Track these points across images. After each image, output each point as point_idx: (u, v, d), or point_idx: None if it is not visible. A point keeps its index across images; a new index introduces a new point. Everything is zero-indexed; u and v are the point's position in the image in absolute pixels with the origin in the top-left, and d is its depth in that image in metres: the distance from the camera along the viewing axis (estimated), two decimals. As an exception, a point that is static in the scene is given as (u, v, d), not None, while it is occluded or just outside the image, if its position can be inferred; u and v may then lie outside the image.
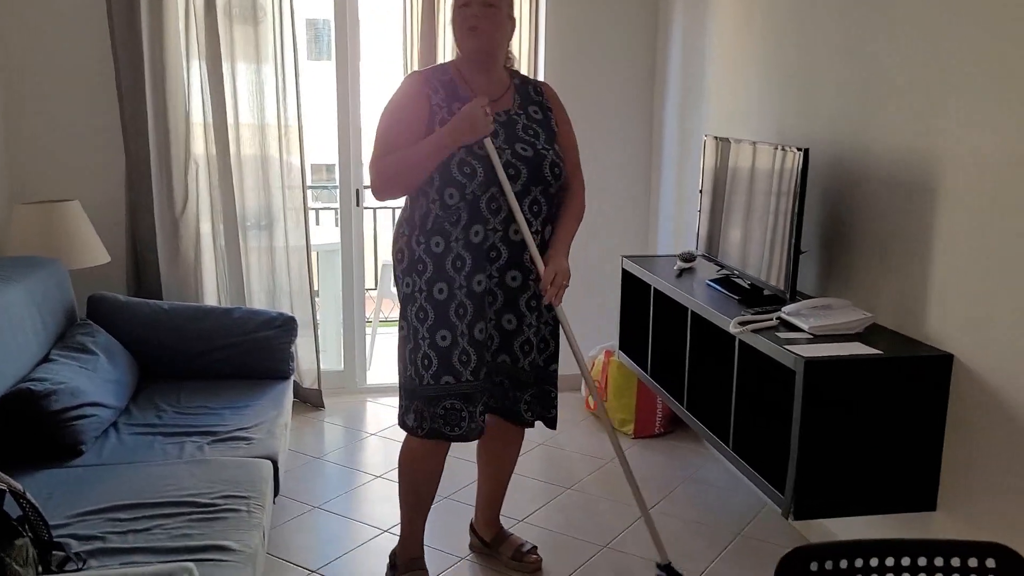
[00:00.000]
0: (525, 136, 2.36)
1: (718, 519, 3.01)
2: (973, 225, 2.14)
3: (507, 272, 2.37)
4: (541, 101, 2.47)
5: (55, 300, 2.88)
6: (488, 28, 2.31)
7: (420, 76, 2.38)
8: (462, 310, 2.33)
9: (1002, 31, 2.04)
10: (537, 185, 2.34)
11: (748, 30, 3.26)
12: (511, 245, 2.35)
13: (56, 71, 3.61)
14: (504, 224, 2.33)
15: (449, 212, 2.30)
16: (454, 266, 2.32)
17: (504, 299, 2.39)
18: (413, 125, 2.31)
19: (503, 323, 2.41)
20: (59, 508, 2.07)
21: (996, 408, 2.09)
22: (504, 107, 2.39)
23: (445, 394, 2.35)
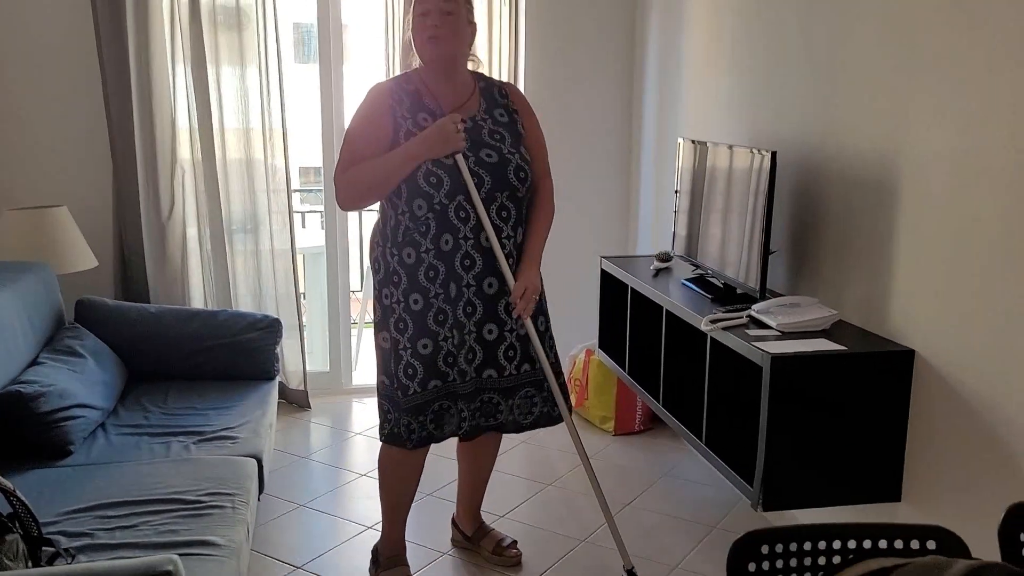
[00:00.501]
0: (491, 141, 2.38)
1: (695, 513, 3.09)
2: (933, 225, 2.22)
3: (483, 280, 2.39)
4: (507, 104, 2.48)
5: (44, 304, 2.93)
6: (447, 35, 2.33)
7: (384, 88, 2.39)
8: (441, 316, 2.36)
9: (960, 38, 2.12)
10: (503, 191, 2.36)
11: (719, 36, 3.34)
12: (484, 252, 2.37)
13: (43, 78, 3.66)
14: (475, 232, 2.35)
15: (418, 223, 2.32)
16: (427, 276, 2.35)
17: (483, 309, 2.40)
18: (378, 137, 2.33)
19: (484, 334, 2.42)
20: (49, 506, 2.13)
21: (956, 402, 2.18)
22: (470, 112, 2.40)
23: (435, 397, 2.39)
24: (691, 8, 3.60)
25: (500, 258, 2.36)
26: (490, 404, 2.48)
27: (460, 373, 2.40)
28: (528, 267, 2.41)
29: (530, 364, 2.49)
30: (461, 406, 2.42)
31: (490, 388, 2.46)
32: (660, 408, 3.04)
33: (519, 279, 2.39)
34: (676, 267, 3.37)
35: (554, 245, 4.18)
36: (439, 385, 2.39)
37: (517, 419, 2.52)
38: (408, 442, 2.41)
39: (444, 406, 2.41)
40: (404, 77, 2.44)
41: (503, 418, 2.50)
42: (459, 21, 2.35)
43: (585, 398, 3.89)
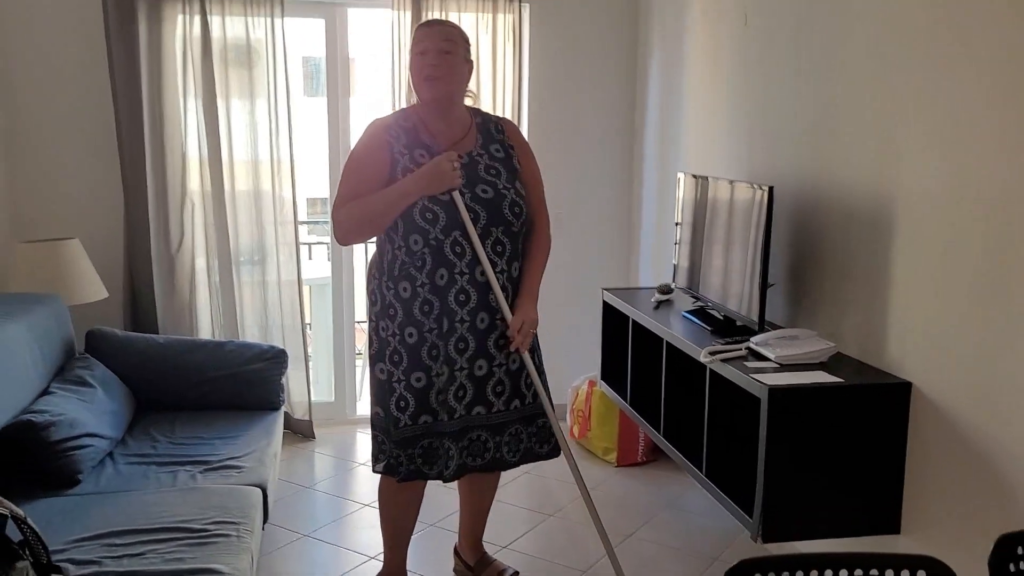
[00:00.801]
0: (486, 176, 2.42)
1: (696, 545, 3.10)
2: (927, 258, 2.27)
3: (477, 315, 2.40)
4: (503, 139, 2.52)
5: (55, 335, 2.99)
6: (445, 75, 2.36)
7: (381, 124, 2.42)
8: (435, 351, 2.39)
9: (947, 78, 2.18)
10: (498, 226, 2.39)
11: (717, 75, 3.41)
12: (479, 287, 2.39)
13: (57, 113, 3.75)
14: (470, 267, 2.37)
15: (414, 257, 2.36)
16: (422, 311, 2.38)
17: (475, 344, 2.41)
18: (375, 173, 2.36)
19: (474, 370, 2.43)
20: (57, 534, 2.16)
21: (953, 434, 2.20)
22: (466, 148, 2.44)
23: (424, 433, 2.41)
24: (691, 47, 3.68)
25: (497, 292, 2.39)
26: (478, 442, 2.49)
27: (449, 411, 2.41)
28: (526, 301, 2.44)
29: (519, 400, 2.51)
30: (448, 444, 2.43)
31: (479, 425, 2.47)
32: (661, 439, 3.07)
33: (516, 313, 2.42)
34: (677, 299, 3.41)
35: (557, 276, 4.25)
36: (429, 421, 2.41)
37: (505, 456, 2.53)
38: (397, 474, 2.44)
39: (433, 444, 2.43)
40: (403, 113, 2.49)
41: (491, 456, 2.51)
42: (456, 60, 2.39)
43: (588, 429, 3.92)
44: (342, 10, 4.07)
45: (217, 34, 3.76)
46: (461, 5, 3.95)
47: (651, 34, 4.08)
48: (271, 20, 3.79)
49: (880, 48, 2.43)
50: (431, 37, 2.38)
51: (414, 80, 2.41)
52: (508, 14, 3.98)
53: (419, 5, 3.90)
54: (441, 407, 2.41)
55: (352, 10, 4.10)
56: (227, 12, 3.77)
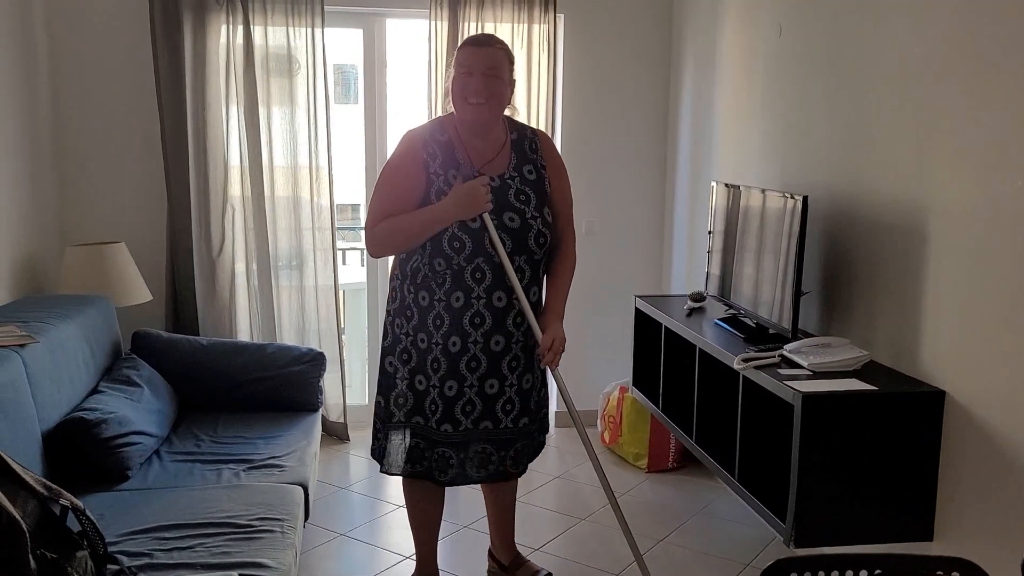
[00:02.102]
0: (515, 203, 2.42)
1: (727, 551, 3.13)
2: (961, 268, 2.29)
3: (491, 337, 2.44)
4: (536, 160, 2.50)
5: (103, 335, 3.08)
6: (489, 100, 2.35)
7: (418, 139, 2.42)
8: (436, 364, 2.45)
9: (978, 90, 2.20)
10: (521, 254, 2.42)
11: (751, 85, 3.45)
12: (494, 311, 2.42)
13: (105, 121, 3.86)
14: (488, 292, 2.40)
15: (436, 275, 2.41)
16: (434, 323, 2.43)
17: (488, 364, 2.45)
18: (409, 191, 2.38)
19: (485, 388, 2.47)
20: (110, 527, 2.23)
21: (986, 443, 2.22)
22: (498, 170, 2.44)
23: (413, 433, 2.50)
24: (724, 57, 3.71)
25: (529, 315, 2.43)
26: (483, 454, 2.53)
27: (454, 423, 2.47)
28: (554, 320, 2.48)
29: (528, 418, 2.56)
30: (449, 453, 2.49)
31: (485, 439, 2.51)
32: (693, 445, 3.10)
33: (547, 332, 2.45)
34: (709, 307, 3.44)
35: (589, 284, 4.30)
36: (420, 423, 2.48)
37: (509, 468, 2.59)
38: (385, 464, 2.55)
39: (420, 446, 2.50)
40: (438, 125, 2.47)
41: (494, 468, 2.56)
42: (502, 84, 2.38)
43: (619, 435, 3.95)
44: (380, 20, 4.16)
45: (259, 43, 3.86)
46: (497, 15, 4.02)
47: (684, 44, 4.12)
48: (311, 30, 3.87)
49: (915, 59, 2.46)
50: (478, 60, 2.35)
51: (455, 99, 2.39)
52: (543, 24, 4.04)
53: (456, 15, 3.97)
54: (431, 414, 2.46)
55: (390, 20, 4.18)
56: (269, 23, 3.86)
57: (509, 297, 2.43)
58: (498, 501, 2.84)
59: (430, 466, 2.52)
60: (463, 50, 2.40)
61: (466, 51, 2.39)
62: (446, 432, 2.48)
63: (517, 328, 2.47)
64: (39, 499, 1.82)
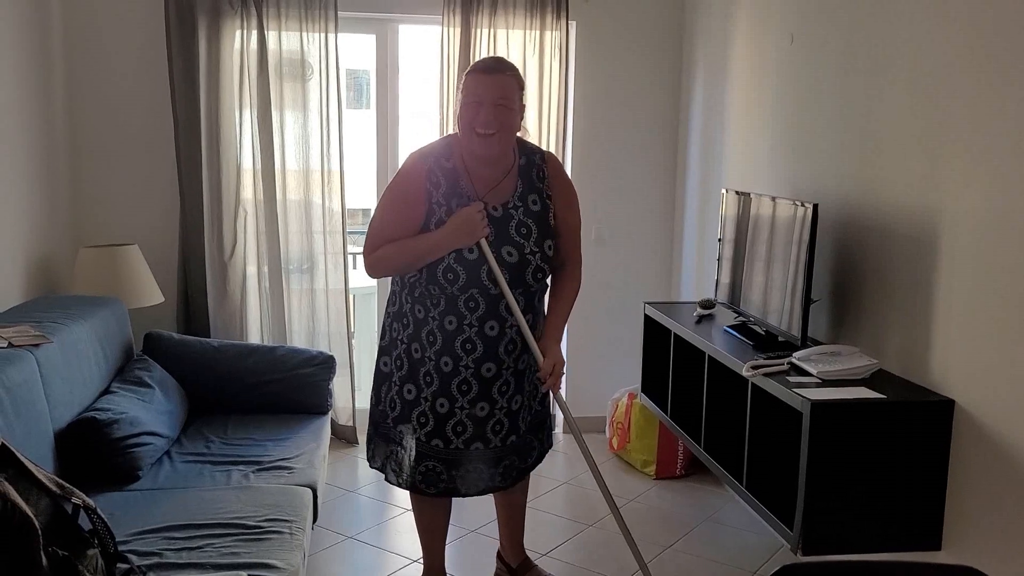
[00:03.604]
0: (515, 237, 2.38)
1: (734, 558, 3.12)
2: (971, 277, 2.29)
3: (482, 364, 2.42)
4: (542, 189, 2.43)
5: (116, 336, 3.11)
6: (498, 131, 2.26)
7: (423, 164, 2.35)
8: (428, 378, 2.45)
9: (988, 100, 2.20)
10: (517, 288, 2.39)
11: (762, 92, 3.45)
12: (486, 340, 2.40)
13: (119, 125, 3.90)
14: (480, 321, 2.38)
15: (431, 297, 2.40)
16: (428, 338, 2.42)
17: (479, 389, 2.44)
18: (409, 219, 2.34)
19: (476, 411, 2.46)
20: (120, 527, 2.24)
21: (996, 452, 2.22)
22: (503, 198, 2.38)
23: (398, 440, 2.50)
24: (735, 64, 3.72)
25: (529, 340, 2.41)
26: (475, 473, 2.52)
27: (427, 435, 2.46)
28: (554, 343, 2.45)
29: (516, 435, 2.54)
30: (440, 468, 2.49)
31: (476, 459, 2.50)
32: (701, 452, 3.10)
33: (548, 356, 2.43)
34: (719, 314, 3.44)
35: (599, 290, 4.31)
36: (405, 429, 2.49)
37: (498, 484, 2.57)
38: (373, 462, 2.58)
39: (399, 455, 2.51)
40: (445, 148, 2.39)
41: (486, 484, 2.54)
42: (512, 114, 2.28)
43: (627, 441, 3.95)
44: (393, 26, 4.18)
45: (273, 48, 3.89)
46: (509, 22, 4.03)
47: (696, 51, 4.13)
48: (325, 35, 3.90)
49: (926, 68, 2.46)
50: (488, 89, 2.25)
51: (462, 128, 2.30)
52: (555, 31, 4.06)
53: (468, 22, 3.99)
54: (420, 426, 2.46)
55: (403, 26, 4.21)
56: (283, 28, 3.89)
57: (502, 326, 2.41)
58: (507, 501, 2.83)
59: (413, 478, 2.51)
60: (472, 77, 2.28)
61: (475, 79, 2.28)
62: (436, 447, 2.47)
63: (508, 355, 2.45)
64: (51, 497, 1.84)
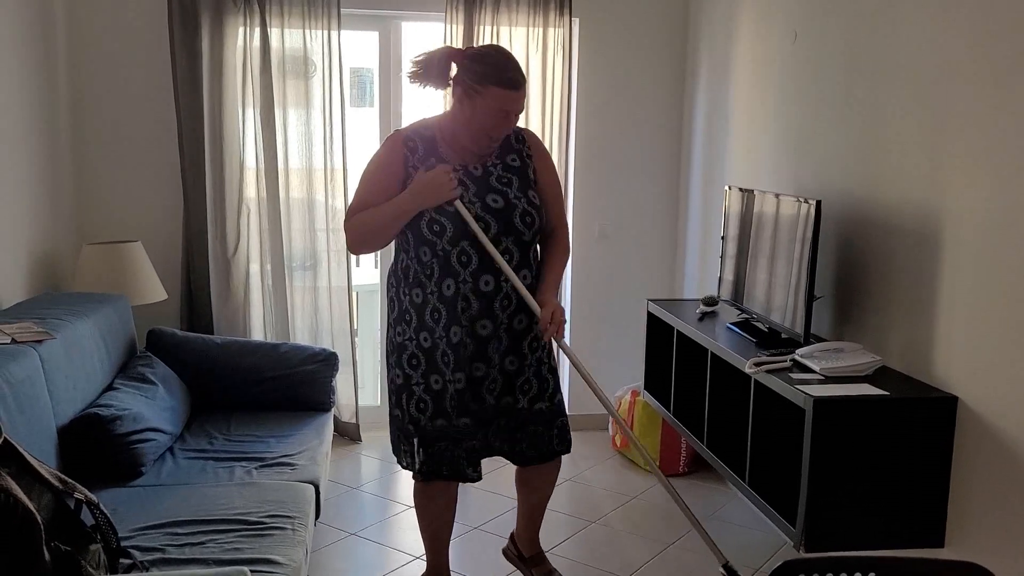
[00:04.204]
0: (497, 186, 2.43)
1: (737, 556, 3.11)
2: (974, 274, 2.28)
3: (477, 322, 2.42)
4: (521, 149, 2.51)
5: (119, 333, 3.12)
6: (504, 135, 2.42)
7: (400, 134, 2.44)
8: (446, 358, 2.44)
9: (991, 98, 2.20)
10: (508, 235, 2.40)
11: (765, 90, 3.45)
12: (480, 296, 2.40)
13: (122, 122, 3.90)
14: (474, 276, 2.39)
15: (424, 267, 2.41)
16: (432, 317, 2.43)
17: (475, 348, 2.44)
18: (386, 186, 2.39)
19: (472, 371, 2.46)
20: (123, 522, 2.25)
21: (1000, 449, 2.21)
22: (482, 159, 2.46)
23: (440, 436, 2.47)
24: (739, 62, 3.71)
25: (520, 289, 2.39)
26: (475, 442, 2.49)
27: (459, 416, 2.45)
28: (549, 293, 2.45)
29: (511, 397, 2.51)
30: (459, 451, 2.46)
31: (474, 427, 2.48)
32: (704, 449, 3.10)
33: (544, 306, 2.41)
34: (722, 311, 3.44)
35: (603, 287, 4.31)
36: (444, 425, 2.46)
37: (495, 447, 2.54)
38: (418, 470, 2.50)
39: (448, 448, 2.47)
40: (422, 124, 2.48)
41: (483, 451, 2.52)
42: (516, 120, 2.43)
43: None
44: (396, 23, 4.18)
45: (276, 46, 3.89)
46: (512, 19, 4.03)
47: (699, 48, 4.13)
48: (328, 33, 3.90)
49: (930, 65, 2.45)
50: (516, 104, 2.35)
51: (474, 131, 2.37)
52: (558, 28, 4.05)
53: (471, 19, 3.99)
54: (453, 411, 2.45)
55: (405, 23, 4.21)
56: (286, 25, 3.89)
57: (496, 280, 2.41)
58: (531, 494, 2.76)
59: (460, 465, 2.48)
60: (502, 93, 2.32)
61: (505, 95, 2.33)
62: (465, 425, 2.46)
63: (503, 311, 2.44)
64: (54, 492, 1.84)
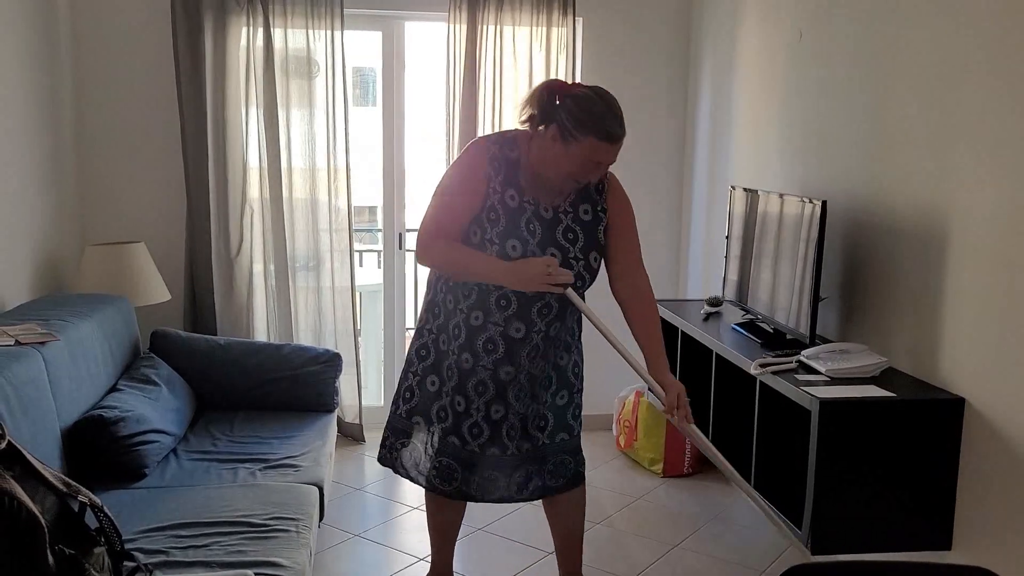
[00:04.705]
0: (562, 240, 2.34)
1: (742, 557, 3.11)
2: (981, 276, 2.27)
3: (501, 368, 2.37)
4: (598, 201, 2.41)
5: (122, 334, 3.11)
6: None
7: (485, 152, 2.34)
8: (450, 372, 2.41)
9: (1000, 99, 2.18)
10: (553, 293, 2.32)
11: (770, 89, 3.43)
12: (510, 342, 2.35)
13: (126, 122, 3.90)
14: (507, 322, 2.34)
15: (465, 286, 2.37)
16: (452, 332, 2.40)
17: (495, 391, 2.39)
18: (470, 204, 2.32)
19: (491, 414, 2.40)
20: (127, 524, 2.25)
21: (1007, 451, 2.20)
22: (555, 201, 2.36)
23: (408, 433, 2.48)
24: (743, 61, 3.70)
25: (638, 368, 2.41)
26: (490, 480, 2.46)
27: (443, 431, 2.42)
28: (665, 372, 2.39)
29: (530, 443, 2.46)
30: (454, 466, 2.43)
31: (492, 465, 2.44)
32: (709, 450, 3.09)
33: (669, 389, 2.36)
34: (726, 312, 3.43)
35: (607, 287, 4.28)
36: (419, 423, 2.46)
37: (515, 495, 2.49)
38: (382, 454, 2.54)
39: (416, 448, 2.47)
40: (511, 140, 2.37)
41: (501, 494, 2.47)
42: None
43: (634, 439, 3.94)
44: (399, 23, 4.17)
45: (279, 46, 3.88)
46: (516, 19, 4.02)
47: (703, 47, 4.11)
48: (331, 33, 3.89)
49: (936, 64, 2.44)
50: (608, 155, 2.28)
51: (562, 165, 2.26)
52: (562, 27, 4.04)
53: (475, 19, 3.98)
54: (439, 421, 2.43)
55: (409, 23, 4.20)
56: (289, 25, 3.88)
57: (528, 330, 2.35)
58: (558, 524, 2.67)
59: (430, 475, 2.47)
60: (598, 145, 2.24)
61: (604, 148, 2.26)
62: (452, 444, 2.43)
63: (529, 361, 2.39)
64: (58, 495, 1.84)
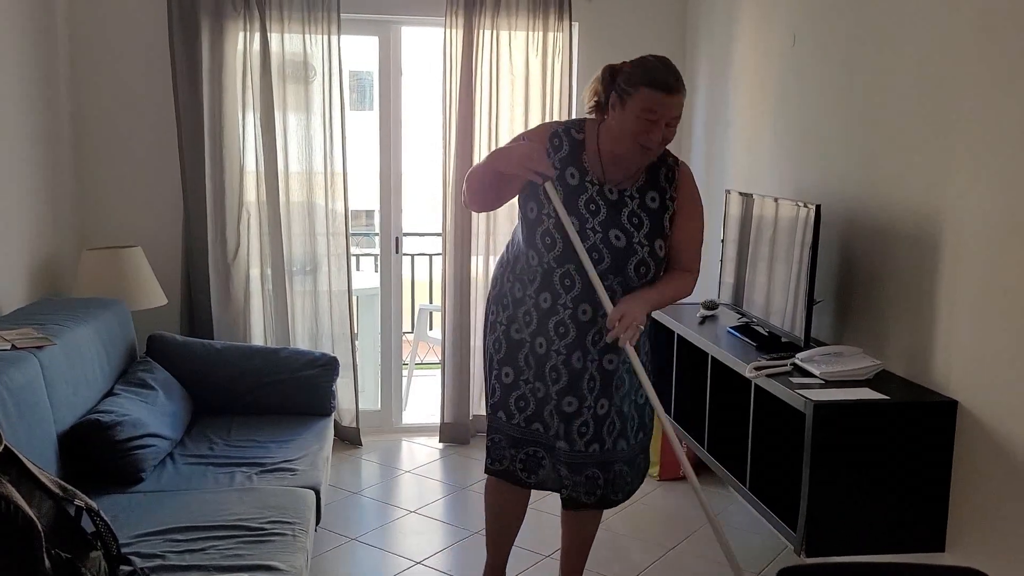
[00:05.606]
0: (626, 224, 2.30)
1: (739, 560, 3.10)
2: (975, 278, 2.28)
3: (573, 352, 2.34)
4: (666, 190, 2.34)
5: (119, 338, 3.11)
6: (660, 147, 2.22)
7: (548, 130, 2.36)
8: (531, 359, 2.40)
9: (999, 101, 2.20)
10: (617, 276, 2.29)
11: (765, 93, 3.45)
12: (579, 325, 2.32)
13: (122, 126, 3.91)
14: (575, 303, 2.31)
15: (529, 270, 2.36)
16: (524, 319, 2.39)
17: (568, 379, 2.36)
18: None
19: (563, 405, 2.37)
20: (123, 529, 2.25)
21: (1000, 454, 2.21)
22: (620, 185, 2.32)
23: (495, 429, 2.47)
24: (738, 65, 3.71)
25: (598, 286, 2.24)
26: (556, 475, 2.45)
27: (527, 419, 2.42)
28: (631, 297, 2.27)
29: (599, 445, 2.39)
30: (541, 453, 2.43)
31: (560, 461, 2.42)
32: (705, 453, 3.10)
33: (617, 305, 2.25)
34: (722, 315, 3.44)
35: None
36: (502, 419, 2.45)
37: (581, 498, 2.45)
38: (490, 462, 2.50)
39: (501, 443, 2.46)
40: (578, 123, 2.36)
41: (567, 493, 2.46)
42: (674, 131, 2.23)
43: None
44: (396, 28, 4.18)
45: (276, 50, 3.89)
46: (512, 23, 4.03)
47: (698, 52, 4.13)
48: (328, 37, 3.90)
49: (930, 69, 2.46)
50: (667, 109, 2.16)
51: (626, 138, 2.20)
52: (558, 32, 4.06)
53: (471, 23, 3.99)
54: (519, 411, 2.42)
55: (405, 28, 4.21)
56: (286, 30, 3.89)
57: (595, 312, 2.31)
58: (572, 532, 2.68)
59: (512, 466, 2.46)
60: (653, 95, 2.16)
61: (657, 98, 2.16)
62: (536, 431, 2.42)
63: (594, 346, 2.35)
64: (54, 499, 1.84)
